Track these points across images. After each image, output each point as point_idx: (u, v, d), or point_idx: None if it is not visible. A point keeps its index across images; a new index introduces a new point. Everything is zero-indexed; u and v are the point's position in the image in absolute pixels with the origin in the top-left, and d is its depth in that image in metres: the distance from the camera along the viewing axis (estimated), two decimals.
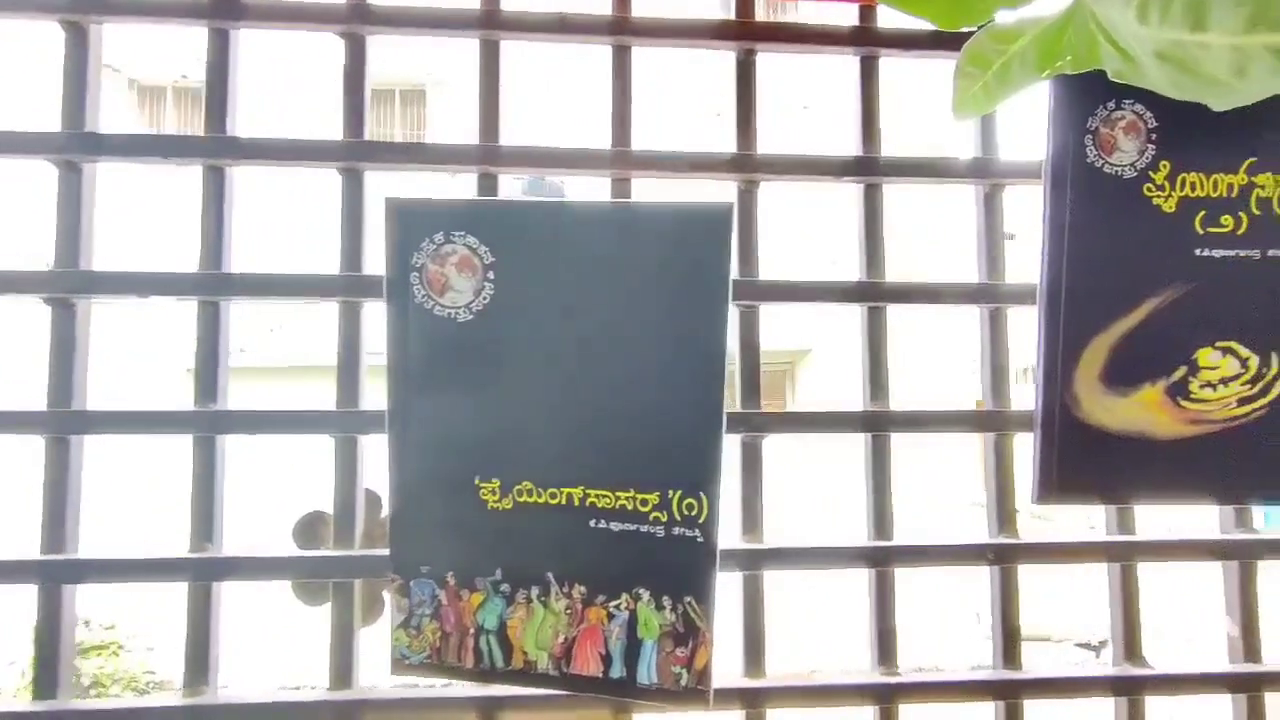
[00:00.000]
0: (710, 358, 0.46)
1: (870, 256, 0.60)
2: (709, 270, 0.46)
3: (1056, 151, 0.56)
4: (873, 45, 0.61)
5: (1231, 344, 0.56)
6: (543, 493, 0.50)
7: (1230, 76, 0.34)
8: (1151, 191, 0.56)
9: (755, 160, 0.59)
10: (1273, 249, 0.56)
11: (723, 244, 0.45)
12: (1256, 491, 0.58)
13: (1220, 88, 0.35)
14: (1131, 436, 0.57)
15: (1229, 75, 0.34)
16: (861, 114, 0.61)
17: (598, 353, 0.48)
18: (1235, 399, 0.57)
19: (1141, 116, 0.56)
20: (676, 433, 0.48)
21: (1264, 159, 0.56)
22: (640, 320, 0.47)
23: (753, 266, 0.59)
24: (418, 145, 0.57)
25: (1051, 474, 0.57)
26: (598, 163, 0.58)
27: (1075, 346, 0.56)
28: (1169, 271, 0.56)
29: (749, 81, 0.60)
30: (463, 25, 0.58)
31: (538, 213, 0.48)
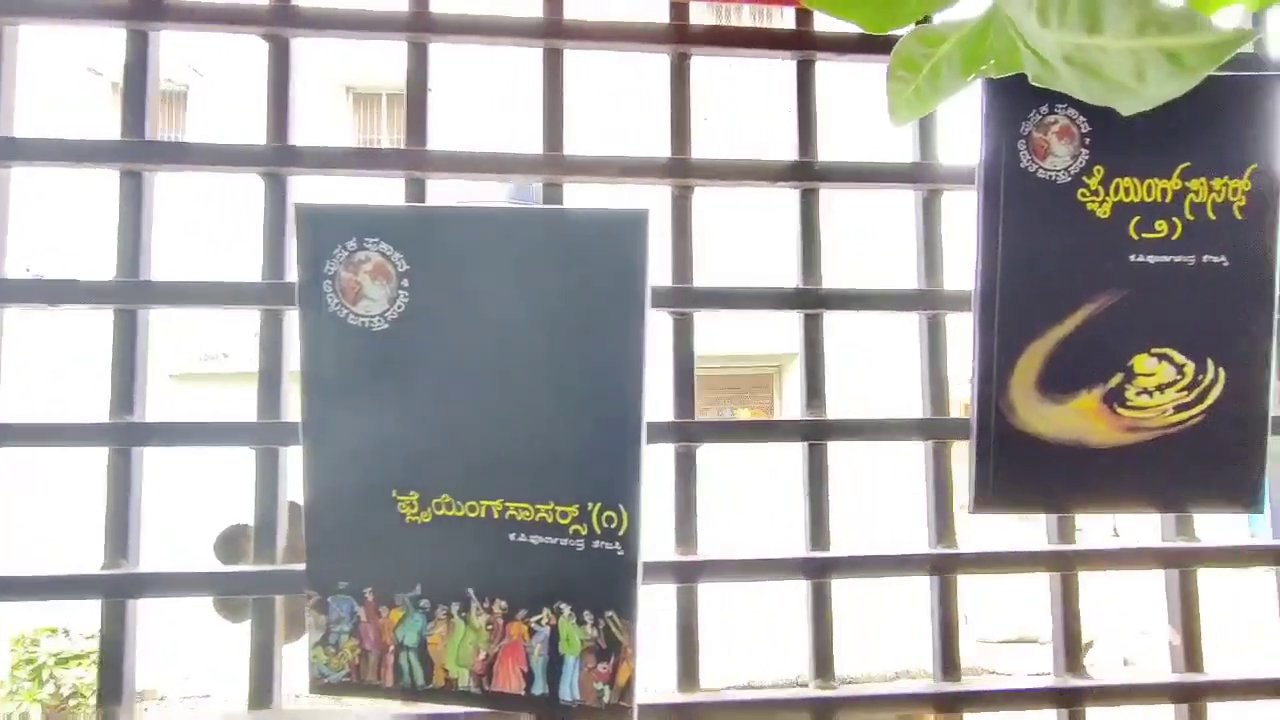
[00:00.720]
0: (627, 367, 0.45)
1: (806, 262, 0.59)
2: (625, 277, 0.45)
3: (989, 157, 0.55)
4: (809, 49, 0.60)
5: (1167, 350, 0.56)
6: (462, 505, 0.48)
7: (1131, 80, 0.33)
8: (1085, 197, 0.55)
9: (690, 165, 0.58)
10: (1207, 254, 0.56)
11: (639, 250, 0.44)
12: (1195, 499, 0.57)
13: (1124, 91, 0.34)
14: (1068, 445, 0.56)
15: (1129, 79, 0.33)
16: (798, 118, 0.60)
17: (515, 362, 0.47)
18: (1172, 406, 0.56)
19: (1074, 121, 0.55)
20: (595, 444, 0.47)
21: (1197, 164, 0.56)
22: (558, 328, 0.46)
23: (687, 273, 0.58)
24: (342, 150, 0.56)
25: (987, 483, 0.56)
26: (529, 167, 0.57)
27: (1010, 354, 0.56)
28: (1104, 277, 0.56)
29: (683, 85, 0.59)
30: (391, 28, 0.57)
31: (452, 219, 0.47)
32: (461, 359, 0.47)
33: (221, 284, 0.54)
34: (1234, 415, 0.56)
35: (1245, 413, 0.56)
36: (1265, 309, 0.56)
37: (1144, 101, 0.34)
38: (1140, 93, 0.33)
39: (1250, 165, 0.56)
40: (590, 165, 0.57)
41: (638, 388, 0.45)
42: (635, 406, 0.46)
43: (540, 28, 0.58)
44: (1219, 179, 0.56)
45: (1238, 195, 0.56)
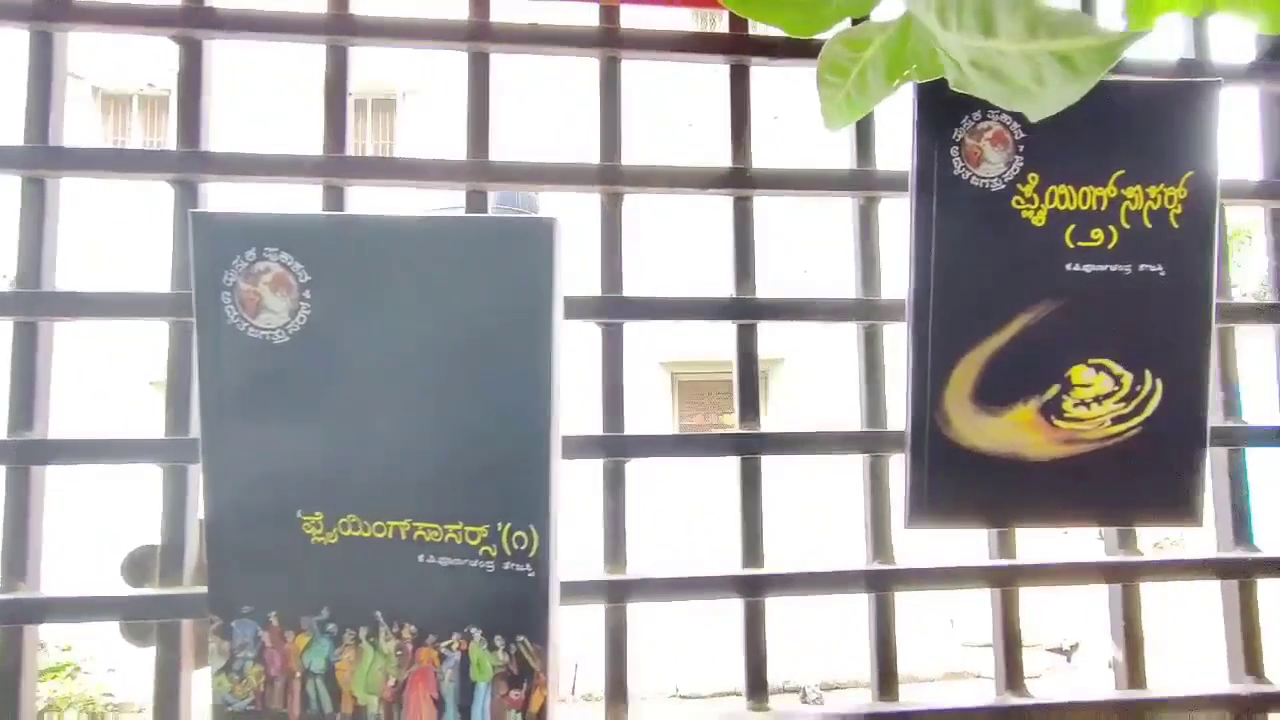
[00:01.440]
0: (536, 381, 0.44)
1: (740, 271, 0.58)
2: (533, 288, 0.43)
3: (921, 163, 0.54)
4: (743, 53, 0.59)
5: (1105, 361, 0.55)
6: (369, 526, 0.47)
7: (1031, 83, 0.32)
8: (1020, 204, 0.54)
9: (619, 172, 0.57)
10: (1144, 263, 0.55)
11: (547, 261, 0.43)
12: (1134, 513, 0.56)
13: (1026, 95, 0.33)
14: (1004, 457, 0.55)
15: (1029, 82, 0.32)
16: (732, 123, 0.59)
17: (422, 376, 0.45)
18: (1109, 417, 0.55)
19: (1008, 127, 0.54)
20: (504, 462, 0.45)
21: (1133, 171, 0.55)
22: (465, 341, 0.44)
23: (616, 283, 0.56)
24: (256, 156, 0.54)
25: (922, 497, 0.55)
26: (455, 174, 0.56)
27: (945, 364, 0.54)
28: (1040, 287, 0.55)
29: (613, 89, 0.58)
30: (310, 30, 0.55)
31: (354, 227, 0.45)
32: (367, 373, 0.46)
33: (124, 295, 0.52)
34: (1172, 427, 0.55)
35: (1184, 424, 0.55)
36: (1202, 319, 0.55)
37: (1046, 106, 0.33)
38: (1041, 97, 0.32)
39: (1186, 172, 0.55)
40: (515, 172, 0.56)
41: (546, 403, 0.44)
42: (544, 423, 0.44)
43: (465, 30, 0.56)
44: (1155, 186, 0.55)
45: (1174, 203, 0.55)
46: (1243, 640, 0.59)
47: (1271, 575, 0.60)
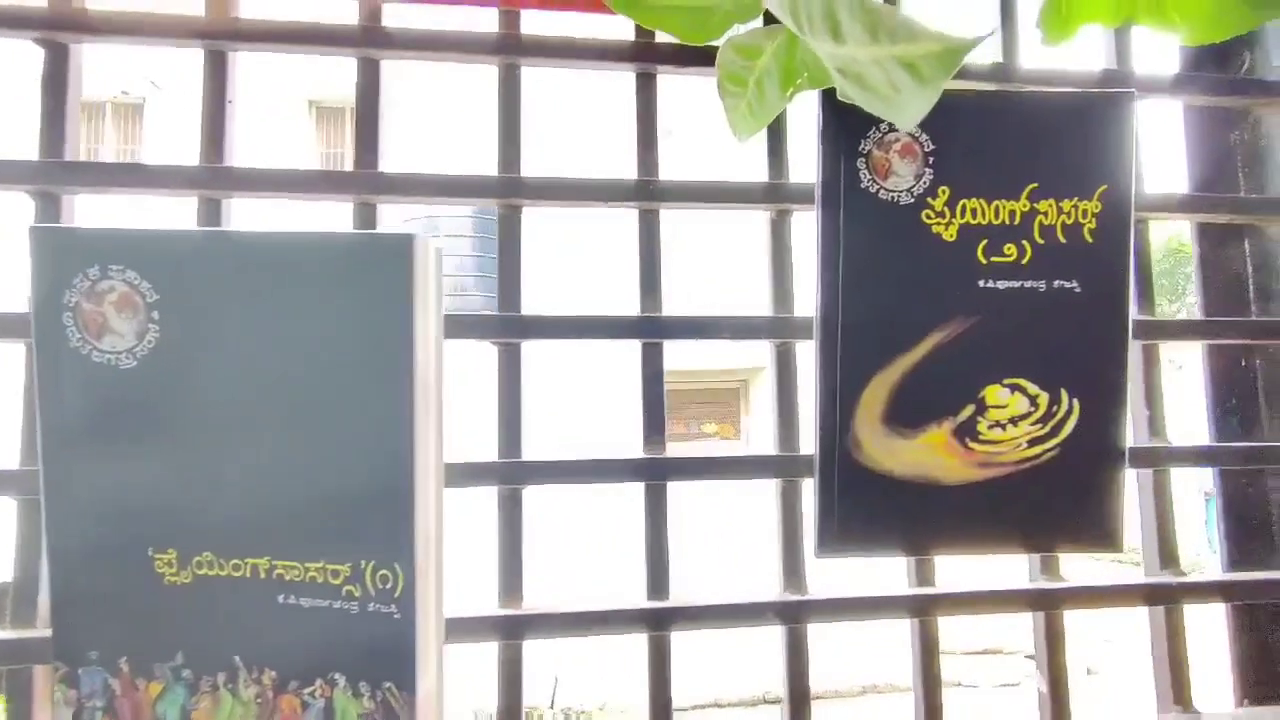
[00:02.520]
0: (394, 409, 0.41)
1: (646, 287, 0.55)
2: (389, 310, 0.40)
3: (827, 176, 0.52)
4: (650, 61, 0.56)
5: (1020, 381, 0.53)
6: (225, 564, 0.43)
7: (889, 90, 0.30)
8: (931, 218, 0.52)
9: (519, 184, 0.54)
10: (1059, 279, 0.53)
11: (403, 280, 0.40)
12: (1053, 539, 0.54)
13: (890, 103, 0.31)
14: (918, 481, 0.53)
15: (887, 89, 0.30)
16: (638, 133, 0.57)
17: (279, 403, 0.42)
18: (1026, 439, 0.53)
19: (917, 139, 0.52)
20: (365, 495, 0.42)
21: (1045, 184, 0.53)
22: (322, 366, 0.41)
23: (515, 299, 0.54)
24: (127, 166, 0.51)
25: (832, 523, 0.52)
26: (341, 186, 0.53)
27: (854, 385, 0.52)
28: (952, 304, 0.53)
29: (513, 97, 0.55)
30: (186, 34, 0.52)
31: (205, 243, 0.42)
32: (220, 400, 0.42)
33: None
34: (1090, 448, 0.53)
35: (1101, 446, 0.53)
36: (1119, 336, 0.53)
37: (908, 114, 0.30)
38: (900, 104, 0.30)
39: (1100, 186, 0.53)
40: (406, 184, 0.53)
41: (406, 433, 0.41)
42: (404, 453, 0.41)
43: (355, 36, 0.54)
44: (1068, 200, 0.53)
45: (1088, 217, 0.53)
46: (1170, 670, 0.57)
47: (1199, 601, 0.58)
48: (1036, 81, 0.60)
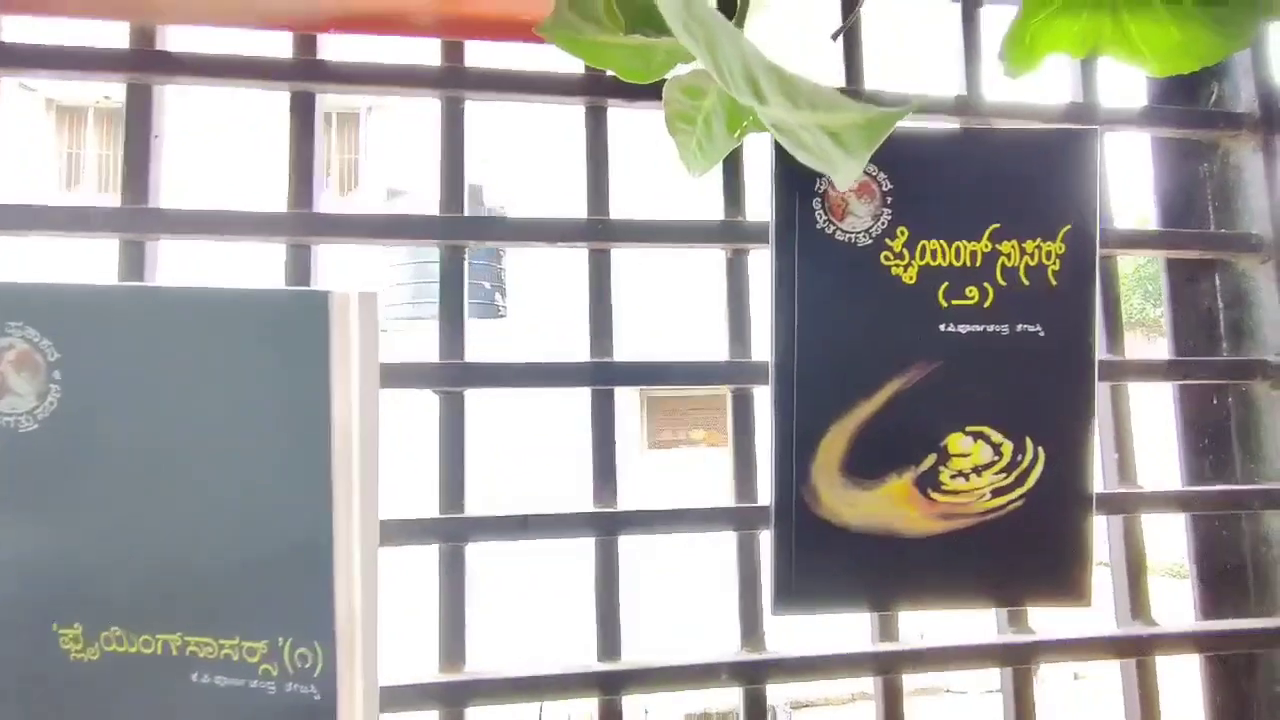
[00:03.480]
0: (313, 473, 0.38)
1: (597, 329, 0.53)
2: (306, 369, 0.38)
3: (781, 216, 0.50)
4: (600, 95, 0.54)
5: (983, 428, 0.51)
6: (135, 640, 0.40)
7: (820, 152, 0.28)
8: (889, 260, 0.50)
9: (462, 224, 0.52)
10: (1022, 323, 0.51)
11: (320, 340, 0.37)
12: (1018, 592, 0.52)
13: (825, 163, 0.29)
14: (878, 534, 0.50)
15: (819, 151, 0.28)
16: (588, 170, 0.54)
17: (191, 467, 0.39)
18: (990, 489, 0.51)
19: (875, 178, 0.51)
20: (282, 565, 0.39)
21: (1008, 225, 0.51)
22: (237, 428, 0.39)
23: (456, 347, 0.51)
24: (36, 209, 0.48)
25: (789, 579, 0.50)
26: (274, 228, 0.50)
27: (811, 434, 0.50)
28: (912, 349, 0.51)
29: (456, 132, 0.53)
30: (107, 68, 0.50)
31: (108, 299, 0.39)
32: (129, 465, 0.39)
33: None
34: (1056, 498, 0.51)
35: (1068, 495, 0.51)
36: (1085, 382, 0.51)
37: (839, 177, 0.28)
38: (835, 164, 0.28)
39: (1064, 226, 0.52)
40: (342, 225, 0.50)
41: (324, 499, 0.38)
42: (322, 522, 0.38)
43: (290, 69, 0.51)
44: (1031, 241, 0.51)
45: (1052, 259, 0.51)
46: None
47: (1172, 652, 0.56)
48: (1000, 115, 0.58)
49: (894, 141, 0.50)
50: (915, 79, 0.66)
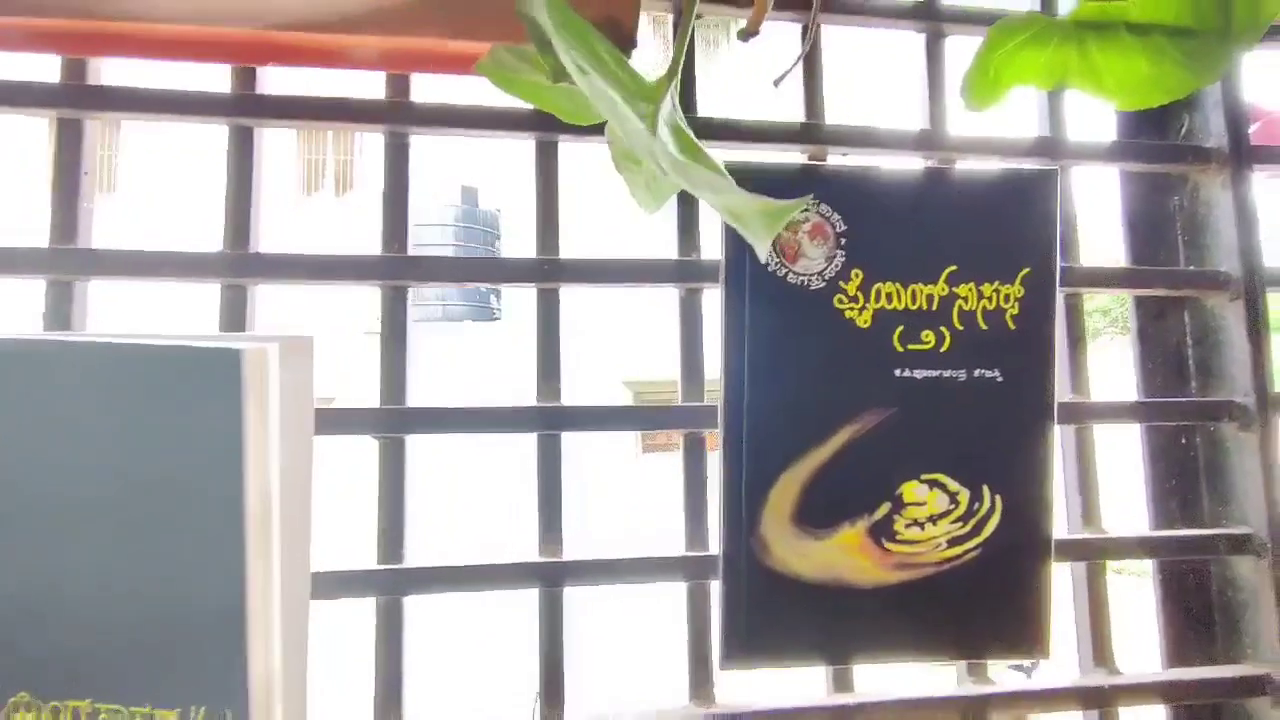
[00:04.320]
0: (226, 534, 0.36)
1: (545, 371, 0.52)
2: (220, 433, 0.36)
3: (731, 258, 0.49)
4: (550, 130, 0.53)
5: (939, 477, 0.50)
6: (44, 706, 0.38)
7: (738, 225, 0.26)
8: (843, 303, 0.49)
9: (404, 263, 0.50)
10: (980, 368, 0.50)
11: (233, 397, 0.36)
12: (976, 645, 0.51)
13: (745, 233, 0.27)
14: (831, 585, 0.49)
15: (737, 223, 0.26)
16: (539, 207, 0.53)
17: (101, 528, 0.38)
18: (945, 539, 0.49)
19: (829, 219, 0.49)
20: (194, 628, 0.37)
21: (965, 267, 0.50)
22: (147, 490, 0.37)
23: (398, 391, 0.50)
24: None
25: (739, 631, 0.49)
26: (205, 270, 0.48)
27: (761, 482, 0.49)
28: (867, 395, 0.49)
29: (400, 168, 0.52)
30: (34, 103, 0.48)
31: (17, 351, 0.38)
32: (35, 521, 0.38)
33: None
34: (1014, 548, 0.50)
35: (1026, 545, 0.50)
36: (1043, 428, 0.50)
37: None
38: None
39: (1023, 269, 0.50)
40: (279, 265, 0.49)
41: (238, 558, 0.36)
42: (234, 585, 0.36)
43: (228, 104, 0.50)
44: (989, 284, 0.50)
45: (1010, 302, 0.50)
46: None
47: (1137, 703, 0.54)
48: (965, 150, 0.57)
49: (848, 182, 0.49)
50: (884, 109, 0.65)
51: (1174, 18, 0.56)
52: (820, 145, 0.55)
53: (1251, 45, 0.58)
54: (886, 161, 0.57)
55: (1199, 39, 0.57)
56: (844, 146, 0.56)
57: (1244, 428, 0.57)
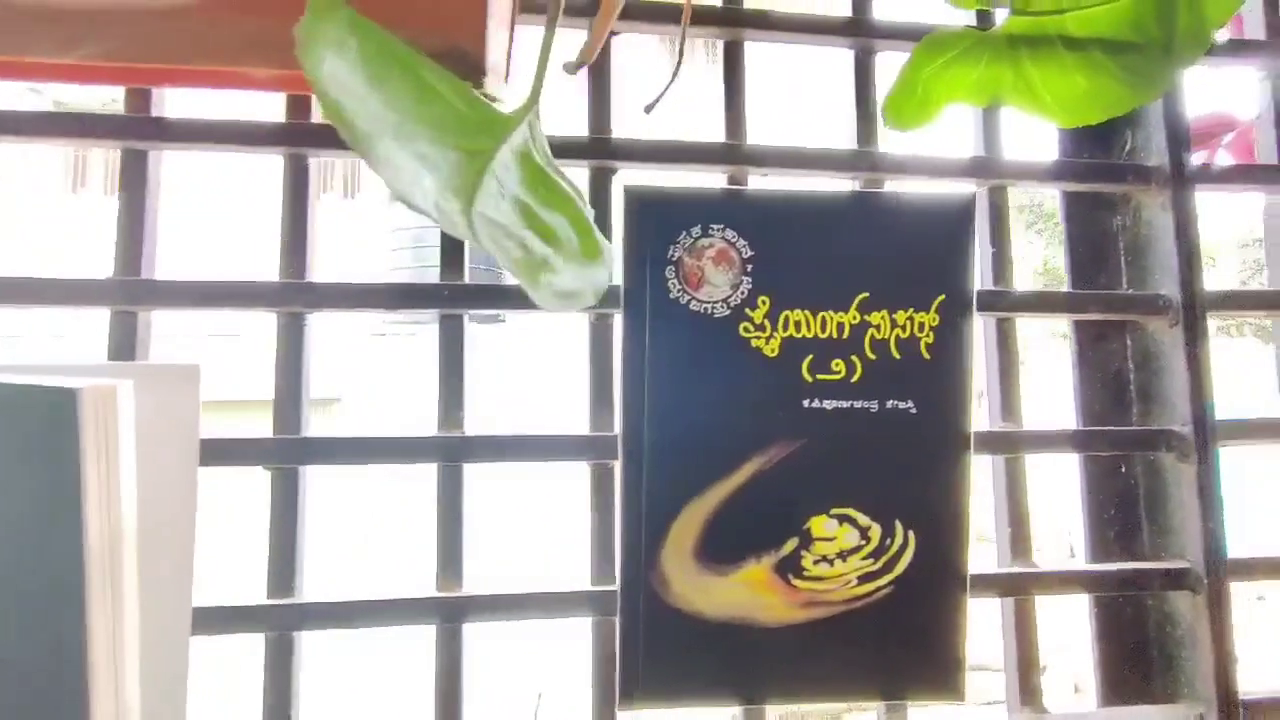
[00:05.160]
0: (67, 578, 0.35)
1: (448, 399, 0.50)
2: (56, 470, 0.35)
3: (631, 284, 0.47)
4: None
5: (849, 511, 0.48)
6: None
7: None
8: (750, 332, 0.47)
9: (300, 291, 0.49)
10: (893, 399, 0.48)
11: (69, 438, 0.34)
12: (888, 686, 0.49)
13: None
14: (736, 624, 0.47)
15: None
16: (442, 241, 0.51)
17: None
18: (856, 576, 0.48)
19: (734, 244, 0.48)
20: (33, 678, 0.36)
21: (878, 294, 0.48)
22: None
23: (292, 421, 0.48)
24: None
25: (636, 673, 0.47)
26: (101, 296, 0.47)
27: (662, 516, 0.47)
28: (774, 426, 0.47)
29: (300, 188, 0.50)
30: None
31: None
32: None
33: None
34: (928, 586, 0.48)
35: (941, 582, 0.48)
36: (959, 463, 0.48)
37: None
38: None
39: (938, 296, 0.48)
40: (173, 291, 0.48)
41: (75, 606, 0.35)
42: (72, 629, 0.35)
43: (127, 127, 0.49)
44: (903, 312, 0.48)
45: (925, 331, 0.48)
46: None
47: None
48: (894, 170, 0.55)
49: (755, 206, 0.47)
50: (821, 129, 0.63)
51: (1113, 32, 0.54)
52: (740, 166, 0.54)
53: (1194, 59, 0.56)
54: (814, 184, 0.55)
55: (1139, 53, 0.55)
56: (766, 168, 0.54)
57: (1182, 458, 0.55)
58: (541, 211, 0.30)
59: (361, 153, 0.27)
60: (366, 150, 0.26)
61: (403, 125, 0.28)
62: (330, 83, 0.25)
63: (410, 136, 0.27)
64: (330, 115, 0.26)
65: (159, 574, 0.43)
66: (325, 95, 0.25)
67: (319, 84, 0.25)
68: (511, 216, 0.28)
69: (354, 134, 0.26)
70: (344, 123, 0.26)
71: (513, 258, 0.27)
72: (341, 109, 0.25)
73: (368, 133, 0.26)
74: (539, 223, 0.29)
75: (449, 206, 0.27)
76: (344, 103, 0.25)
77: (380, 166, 0.26)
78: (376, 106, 0.26)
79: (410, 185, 0.27)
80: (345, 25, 0.25)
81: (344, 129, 0.26)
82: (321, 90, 0.25)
